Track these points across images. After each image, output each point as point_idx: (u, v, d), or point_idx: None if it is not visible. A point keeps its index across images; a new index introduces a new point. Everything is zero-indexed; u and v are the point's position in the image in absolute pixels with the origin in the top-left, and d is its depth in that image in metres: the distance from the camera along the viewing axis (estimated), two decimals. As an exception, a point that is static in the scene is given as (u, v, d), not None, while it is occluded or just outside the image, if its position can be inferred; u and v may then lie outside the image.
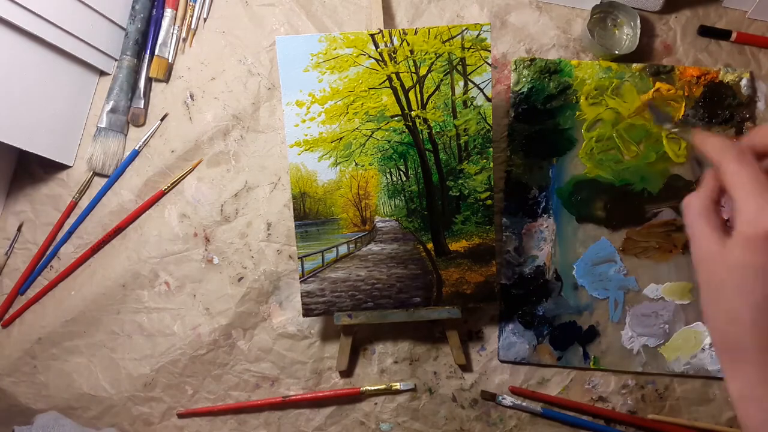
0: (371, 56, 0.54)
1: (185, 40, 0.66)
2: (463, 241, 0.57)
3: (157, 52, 0.65)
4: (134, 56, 0.64)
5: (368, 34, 0.53)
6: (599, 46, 0.62)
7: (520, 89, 0.63)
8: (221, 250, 0.63)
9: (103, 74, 0.66)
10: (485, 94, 0.54)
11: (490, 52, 0.54)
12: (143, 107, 0.65)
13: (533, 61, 0.63)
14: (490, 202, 0.56)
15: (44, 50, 0.59)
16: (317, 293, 0.57)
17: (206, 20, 0.66)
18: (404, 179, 0.57)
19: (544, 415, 0.60)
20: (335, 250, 0.57)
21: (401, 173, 0.57)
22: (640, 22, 0.62)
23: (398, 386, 0.60)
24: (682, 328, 0.60)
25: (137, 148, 0.64)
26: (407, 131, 0.56)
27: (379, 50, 0.54)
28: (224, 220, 0.63)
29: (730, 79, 0.63)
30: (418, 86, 0.54)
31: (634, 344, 0.60)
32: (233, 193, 0.63)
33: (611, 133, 0.62)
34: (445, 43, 0.53)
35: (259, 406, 0.61)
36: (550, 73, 0.63)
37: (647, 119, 0.62)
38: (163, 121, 0.65)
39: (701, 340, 0.60)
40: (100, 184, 0.65)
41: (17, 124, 0.57)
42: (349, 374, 0.62)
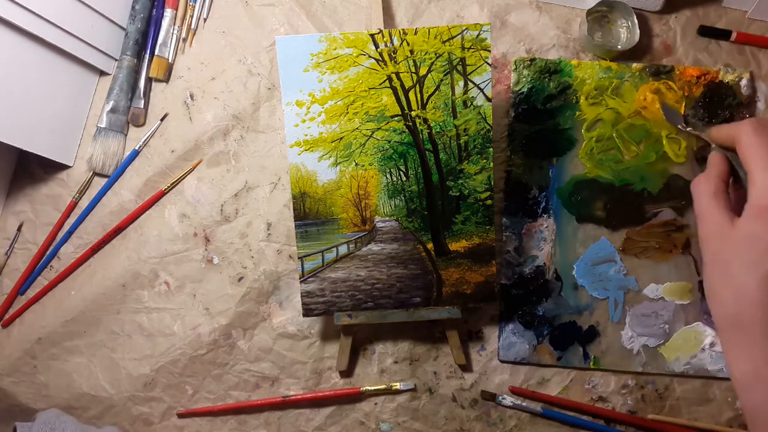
0: (371, 56, 0.54)
1: (185, 40, 0.66)
2: (463, 241, 0.57)
3: (157, 52, 0.65)
4: (134, 56, 0.65)
5: (368, 34, 0.53)
6: (599, 46, 0.62)
7: (520, 89, 0.63)
8: (221, 250, 0.63)
9: (103, 74, 0.66)
10: (485, 94, 0.54)
11: (490, 52, 0.54)
12: (143, 107, 0.65)
13: (533, 61, 0.63)
14: (490, 202, 0.56)
15: (44, 50, 0.59)
16: (317, 293, 0.57)
17: (206, 20, 0.66)
18: (404, 179, 0.57)
19: (544, 415, 0.60)
20: (335, 250, 0.57)
21: (401, 173, 0.57)
22: (636, 19, 0.62)
23: (398, 386, 0.60)
24: (682, 328, 0.60)
25: (137, 148, 0.64)
26: (407, 131, 0.56)
27: (379, 50, 0.54)
28: (224, 220, 0.63)
29: (730, 79, 0.63)
30: (418, 86, 0.55)
31: (634, 344, 0.60)
32: (233, 193, 0.63)
33: (611, 133, 0.62)
34: (445, 43, 0.53)
35: (259, 406, 0.61)
36: (550, 73, 0.63)
37: (647, 119, 0.62)
38: (163, 121, 0.65)
39: (701, 340, 0.60)
40: (100, 184, 0.65)
41: (17, 124, 0.57)
42: (349, 374, 0.62)
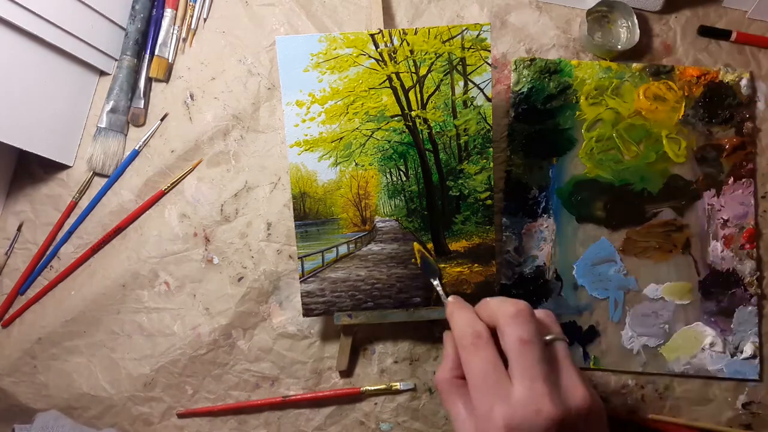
0: (371, 56, 0.54)
1: (185, 40, 0.66)
2: (463, 241, 0.57)
3: (157, 52, 0.65)
4: (134, 56, 0.65)
5: (368, 34, 0.53)
6: (599, 46, 0.62)
7: (520, 89, 0.63)
8: (221, 250, 0.63)
9: (103, 74, 0.66)
10: (485, 94, 0.54)
11: (490, 52, 0.54)
12: (143, 107, 0.65)
13: (533, 61, 0.63)
14: (490, 202, 0.56)
15: (44, 50, 0.59)
16: (317, 293, 0.57)
17: (206, 20, 0.66)
18: (404, 179, 0.57)
19: (544, 415, 0.60)
20: (335, 250, 0.57)
21: (401, 173, 0.57)
22: (636, 19, 0.62)
23: (398, 386, 0.60)
24: (682, 328, 0.60)
25: (137, 148, 0.64)
26: (407, 131, 0.56)
27: (379, 50, 0.54)
28: (224, 220, 0.63)
29: (730, 79, 0.63)
30: (418, 86, 0.55)
31: (634, 344, 0.60)
32: (233, 193, 0.63)
33: (611, 133, 0.62)
34: (445, 43, 0.53)
35: (259, 406, 0.61)
36: (550, 73, 0.63)
37: (647, 119, 0.62)
38: (163, 121, 0.65)
39: (701, 340, 0.60)
40: (100, 184, 0.65)
41: (17, 124, 0.57)
42: (349, 374, 0.62)
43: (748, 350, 0.60)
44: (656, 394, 0.60)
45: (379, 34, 0.53)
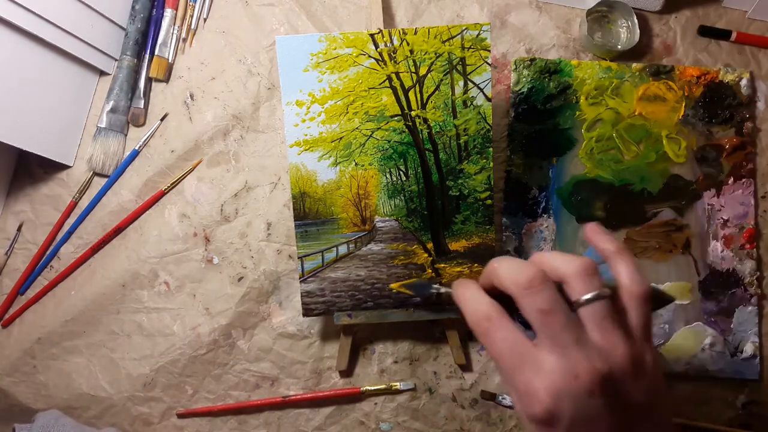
0: (371, 56, 0.54)
1: (185, 40, 0.66)
2: (463, 240, 0.57)
3: (157, 52, 0.65)
4: (134, 56, 0.65)
5: (368, 34, 0.53)
6: (599, 46, 0.62)
7: (520, 89, 0.63)
8: (221, 250, 0.63)
9: (103, 74, 0.66)
10: (485, 94, 0.54)
11: (490, 52, 0.54)
12: (143, 107, 0.65)
13: (533, 61, 0.63)
14: (490, 202, 0.56)
15: (44, 50, 0.59)
16: (317, 293, 0.57)
17: (206, 20, 0.66)
18: (404, 179, 0.57)
19: (544, 415, 0.60)
20: (335, 249, 0.57)
21: (401, 173, 0.57)
22: (636, 19, 0.62)
23: (398, 386, 0.60)
24: (682, 328, 0.60)
25: (137, 148, 0.64)
26: (407, 131, 0.56)
27: (379, 50, 0.54)
28: (224, 220, 0.63)
29: (730, 79, 0.63)
30: (418, 86, 0.55)
31: (634, 344, 0.60)
32: (233, 193, 0.63)
33: (611, 133, 0.62)
34: (445, 43, 0.53)
35: (259, 406, 0.61)
36: (550, 73, 0.63)
37: (647, 119, 0.62)
38: (163, 121, 0.65)
39: (701, 340, 0.60)
40: (100, 184, 0.65)
41: (17, 124, 0.57)
42: (349, 374, 0.62)
43: (748, 350, 0.60)
44: (656, 394, 0.60)
45: (378, 34, 0.53)
